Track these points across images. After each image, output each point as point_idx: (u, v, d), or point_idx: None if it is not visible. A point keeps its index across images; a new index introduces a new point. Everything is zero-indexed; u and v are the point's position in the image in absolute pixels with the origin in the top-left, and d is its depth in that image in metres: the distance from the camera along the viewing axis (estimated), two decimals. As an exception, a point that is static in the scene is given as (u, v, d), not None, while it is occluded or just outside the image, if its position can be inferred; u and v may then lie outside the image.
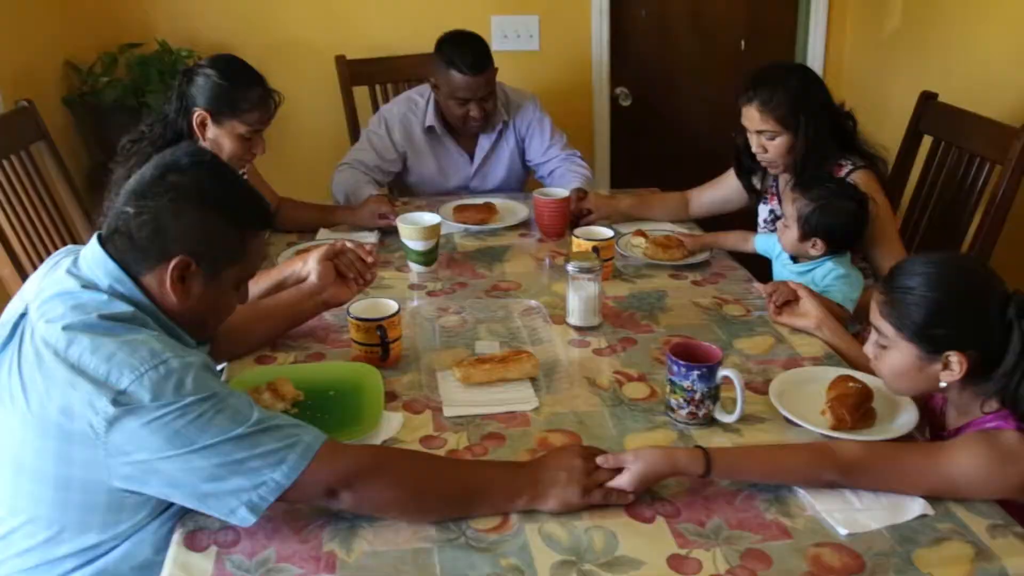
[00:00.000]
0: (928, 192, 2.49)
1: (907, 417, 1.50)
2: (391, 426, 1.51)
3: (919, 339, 1.36)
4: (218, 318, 1.42)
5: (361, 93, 3.04)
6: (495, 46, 3.20)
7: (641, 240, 2.22)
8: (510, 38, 3.24)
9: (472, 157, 2.74)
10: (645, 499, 1.31)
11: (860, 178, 2.06)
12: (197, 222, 1.29)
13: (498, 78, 2.62)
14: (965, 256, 1.56)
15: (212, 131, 1.96)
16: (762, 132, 2.10)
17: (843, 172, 2.09)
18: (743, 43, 3.44)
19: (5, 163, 2.14)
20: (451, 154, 2.72)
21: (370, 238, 2.31)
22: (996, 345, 1.31)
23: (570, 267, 1.82)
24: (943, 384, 1.37)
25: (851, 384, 1.53)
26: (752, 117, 2.09)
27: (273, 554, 1.22)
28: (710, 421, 1.51)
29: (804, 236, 1.96)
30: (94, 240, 1.31)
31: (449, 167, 2.73)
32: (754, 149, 2.14)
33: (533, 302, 1.95)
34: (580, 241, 2.06)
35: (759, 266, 2.18)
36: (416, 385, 1.64)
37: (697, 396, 1.49)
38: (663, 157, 3.37)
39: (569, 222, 2.38)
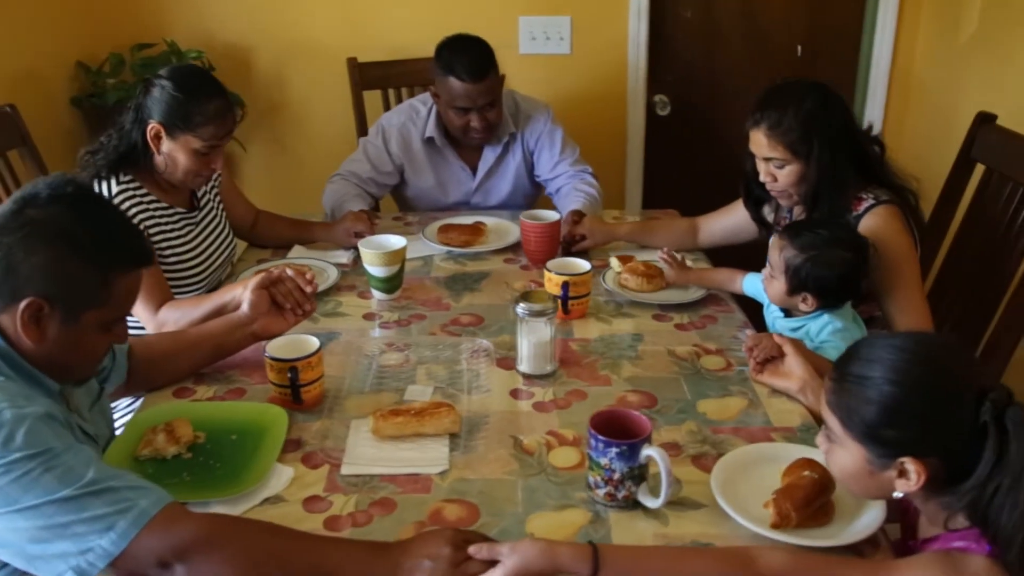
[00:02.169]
0: (973, 230, 2.18)
1: (872, 516, 1.26)
2: (278, 482, 1.38)
3: (868, 440, 1.12)
4: (85, 361, 1.30)
5: (374, 98, 2.91)
6: (522, 49, 3.06)
7: (618, 264, 2.02)
8: (539, 40, 3.05)
9: (475, 171, 2.57)
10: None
11: (881, 215, 1.80)
12: (50, 261, 1.18)
13: (523, 83, 2.43)
14: (940, 339, 1.26)
15: (167, 145, 1.86)
16: (770, 159, 1.85)
17: (862, 207, 1.82)
18: (799, 48, 3.13)
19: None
20: (452, 167, 2.56)
21: (342, 258, 2.18)
22: (965, 451, 1.06)
23: (519, 308, 1.64)
24: (898, 494, 1.14)
25: (807, 473, 1.30)
26: (759, 142, 1.85)
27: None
28: (633, 503, 1.31)
29: (793, 290, 1.72)
30: None
31: (449, 181, 2.57)
32: (762, 178, 1.90)
33: (484, 342, 1.78)
34: (551, 275, 1.88)
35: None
36: (324, 434, 1.50)
37: (616, 476, 1.29)
38: (702, 173, 3.09)
39: (559, 248, 2.20)
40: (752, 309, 1.95)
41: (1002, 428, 1.04)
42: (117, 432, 1.53)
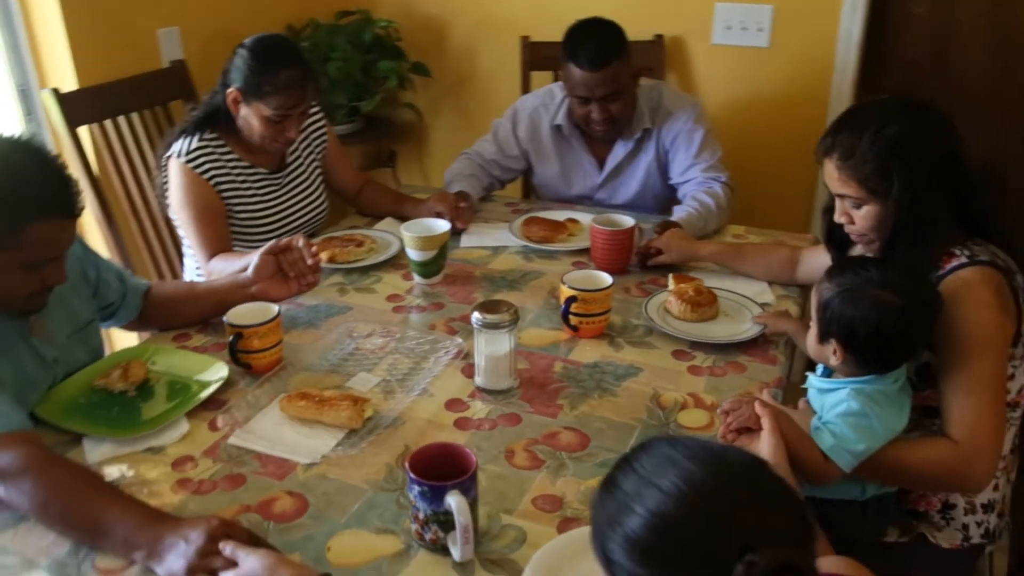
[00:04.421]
0: None
1: None
2: (170, 435, 1.46)
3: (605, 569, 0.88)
4: (8, 294, 1.41)
5: (545, 80, 2.83)
6: (715, 39, 2.81)
7: (674, 285, 1.82)
8: (734, 30, 2.75)
9: (602, 165, 2.41)
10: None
11: (968, 277, 1.41)
12: None
13: (711, 77, 2.22)
14: (743, 461, 0.86)
15: (243, 109, 1.99)
16: (843, 197, 1.52)
17: (951, 264, 1.44)
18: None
19: (147, 114, 2.43)
20: (578, 158, 2.42)
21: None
22: None
23: (474, 317, 1.54)
24: None
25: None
26: (831, 175, 1.51)
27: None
28: (443, 548, 1.19)
29: (822, 334, 1.40)
30: None
31: (573, 173, 2.44)
32: (837, 217, 1.55)
33: (461, 342, 1.69)
34: (563, 286, 1.72)
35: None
36: (250, 401, 1.53)
37: (420, 516, 1.18)
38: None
39: (631, 258, 2.01)
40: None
41: None
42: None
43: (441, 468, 1.17)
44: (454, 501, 1.13)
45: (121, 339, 2.36)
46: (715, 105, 2.87)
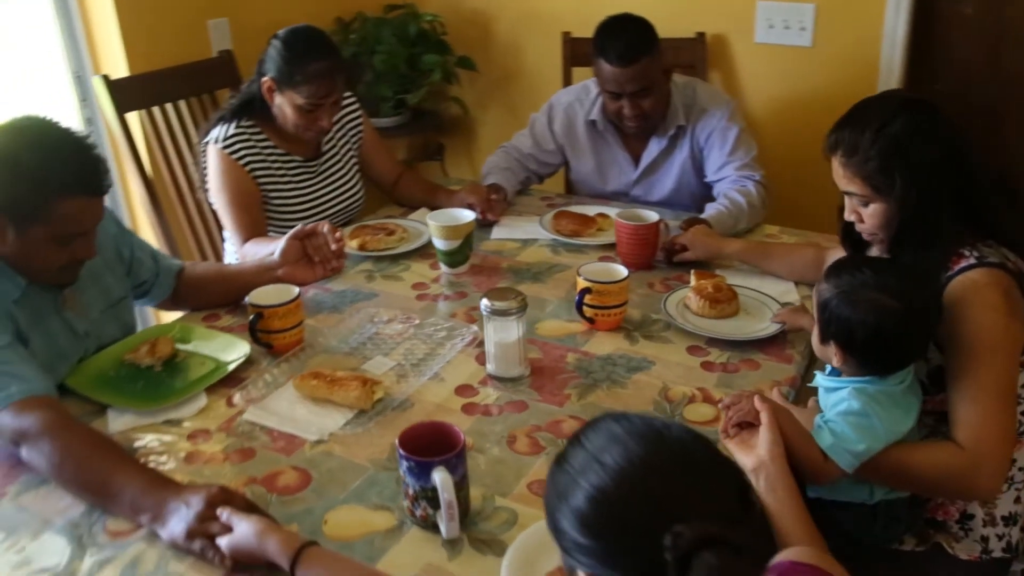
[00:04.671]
0: None
1: None
2: (188, 409, 1.52)
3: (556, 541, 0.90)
4: (43, 267, 1.49)
5: (586, 75, 2.84)
6: (758, 37, 2.79)
7: (695, 281, 1.81)
8: (777, 29, 2.72)
9: (637, 161, 2.41)
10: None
11: (975, 278, 1.39)
12: (3, 181, 1.41)
13: (755, 75, 2.20)
14: (682, 436, 0.86)
15: (277, 98, 2.05)
16: (851, 194, 1.51)
17: (959, 265, 1.41)
18: None
19: (194, 102, 2.51)
20: (613, 154, 2.43)
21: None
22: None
23: (482, 304, 1.56)
24: None
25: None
26: (837, 172, 1.51)
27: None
28: (433, 526, 1.21)
29: (822, 335, 1.40)
30: None
31: (608, 169, 2.44)
32: (847, 216, 1.55)
33: (476, 329, 1.72)
34: (579, 278, 1.74)
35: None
36: (268, 380, 1.58)
37: (410, 491, 1.21)
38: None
39: (655, 253, 2.01)
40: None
41: (683, 572, 0.78)
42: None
43: (432, 446, 1.19)
44: (439, 477, 1.16)
45: (155, 318, 2.45)
46: (758, 104, 2.85)
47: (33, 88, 2.44)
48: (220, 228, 2.40)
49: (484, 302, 1.55)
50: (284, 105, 2.05)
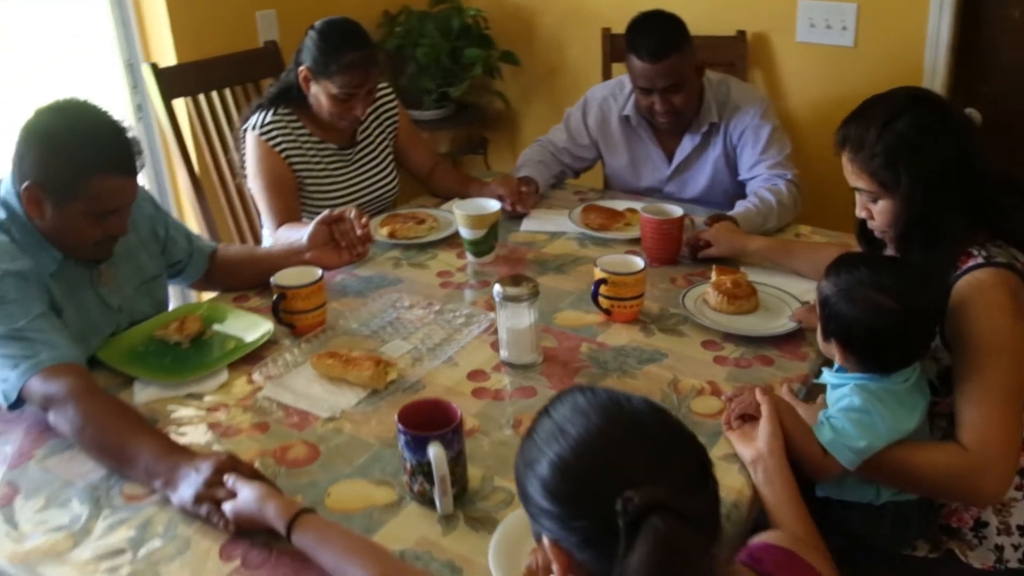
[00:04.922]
0: None
1: None
2: (210, 384, 1.57)
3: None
4: (79, 242, 1.56)
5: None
6: (799, 36, 2.76)
7: (717, 279, 1.81)
8: (818, 28, 2.69)
9: (671, 158, 2.41)
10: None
11: (982, 278, 1.38)
12: (40, 158, 1.49)
13: (796, 74, 2.20)
14: (644, 408, 0.90)
15: (313, 87, 2.11)
16: (859, 190, 1.51)
17: (967, 265, 1.40)
18: None
19: (239, 91, 2.59)
20: (646, 150, 2.43)
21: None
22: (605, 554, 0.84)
23: (495, 290, 1.59)
24: None
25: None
26: (845, 168, 1.51)
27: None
28: (431, 501, 1.25)
29: (824, 332, 1.40)
30: None
31: (642, 164, 2.45)
32: (857, 212, 1.55)
33: (493, 316, 1.74)
34: (596, 269, 1.75)
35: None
36: (287, 359, 1.63)
37: (408, 466, 1.24)
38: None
39: (680, 248, 2.01)
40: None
41: (633, 536, 0.81)
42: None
43: (431, 422, 1.23)
44: (433, 451, 1.19)
45: (194, 297, 2.52)
46: (799, 104, 2.82)
47: (87, 74, 2.55)
48: (259, 213, 2.47)
49: (496, 288, 1.58)
50: (319, 94, 2.10)
